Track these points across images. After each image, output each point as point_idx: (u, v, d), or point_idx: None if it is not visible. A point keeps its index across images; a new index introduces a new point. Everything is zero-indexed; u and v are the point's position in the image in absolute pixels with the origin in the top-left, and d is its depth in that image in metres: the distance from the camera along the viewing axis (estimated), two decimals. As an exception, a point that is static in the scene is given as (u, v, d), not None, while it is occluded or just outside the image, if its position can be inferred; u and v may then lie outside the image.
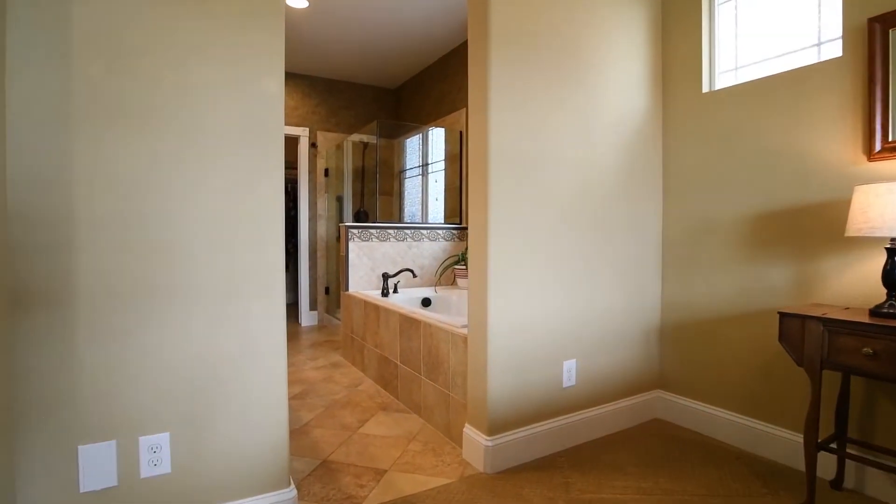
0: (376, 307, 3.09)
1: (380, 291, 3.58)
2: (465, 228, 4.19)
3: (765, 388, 2.09)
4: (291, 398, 2.85)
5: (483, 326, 1.96)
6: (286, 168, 6.34)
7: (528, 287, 2.04)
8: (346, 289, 3.71)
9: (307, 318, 5.20)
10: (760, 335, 2.10)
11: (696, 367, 2.37)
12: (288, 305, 6.65)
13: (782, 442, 2.01)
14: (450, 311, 3.76)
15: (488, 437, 1.95)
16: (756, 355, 2.12)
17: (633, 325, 2.41)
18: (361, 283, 3.75)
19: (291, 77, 5.08)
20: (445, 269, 3.83)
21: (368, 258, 3.77)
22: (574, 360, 2.19)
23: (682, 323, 2.43)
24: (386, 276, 3.50)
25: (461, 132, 4.25)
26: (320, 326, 5.15)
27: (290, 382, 3.17)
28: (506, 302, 1.98)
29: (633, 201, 2.40)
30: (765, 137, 2.07)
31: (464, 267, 3.77)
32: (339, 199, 5.28)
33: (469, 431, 2.04)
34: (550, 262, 2.10)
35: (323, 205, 5.25)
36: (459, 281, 3.85)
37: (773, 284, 2.05)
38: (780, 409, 2.03)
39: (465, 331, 2.19)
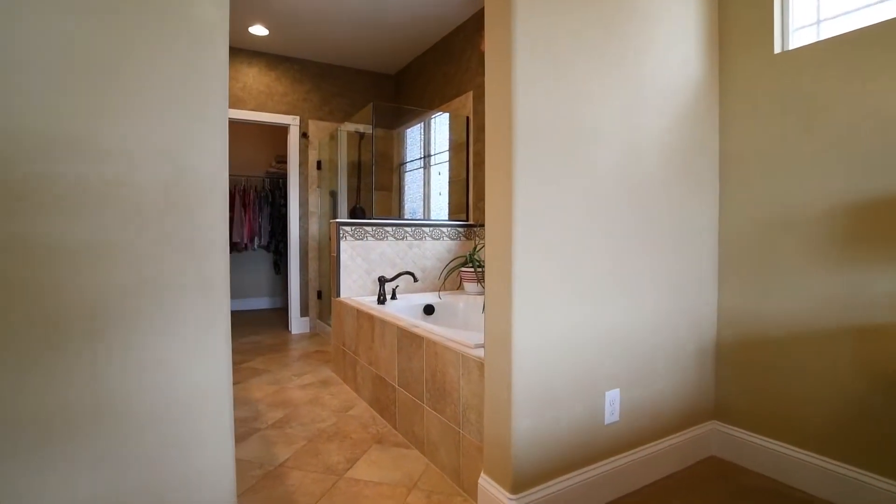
0: (371, 317, 2.63)
1: (375, 298, 3.13)
2: (473, 226, 3.73)
3: (862, 427, 1.63)
4: (270, 426, 2.40)
5: (506, 349, 1.50)
6: (275, 162, 5.89)
7: (560, 298, 1.58)
8: (338, 294, 3.25)
9: (298, 324, 4.74)
10: (857, 359, 1.64)
11: (763, 395, 1.91)
12: (277, 310, 6.20)
13: (888, 497, 1.55)
14: (456, 320, 3.30)
15: (512, 496, 1.49)
16: (849, 384, 1.66)
17: (684, 343, 1.96)
18: (355, 287, 3.29)
19: (281, 61, 4.63)
20: (451, 271, 3.38)
21: (363, 259, 3.31)
22: (617, 390, 1.74)
23: (746, 340, 1.97)
24: (382, 281, 3.05)
25: (468, 118, 3.79)
26: (312, 334, 4.69)
27: (272, 405, 2.71)
28: (535, 317, 1.52)
29: (685, 192, 1.94)
30: (867, 104, 1.61)
31: (471, 269, 3.32)
32: (333, 195, 4.82)
33: (486, 485, 1.58)
34: (586, 266, 1.65)
35: (315, 200, 4.80)
36: (467, 285, 3.40)
37: (874, 295, 1.59)
38: (886, 455, 1.58)
39: (480, 352, 1.73)
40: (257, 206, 5.82)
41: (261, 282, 6.33)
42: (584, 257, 1.63)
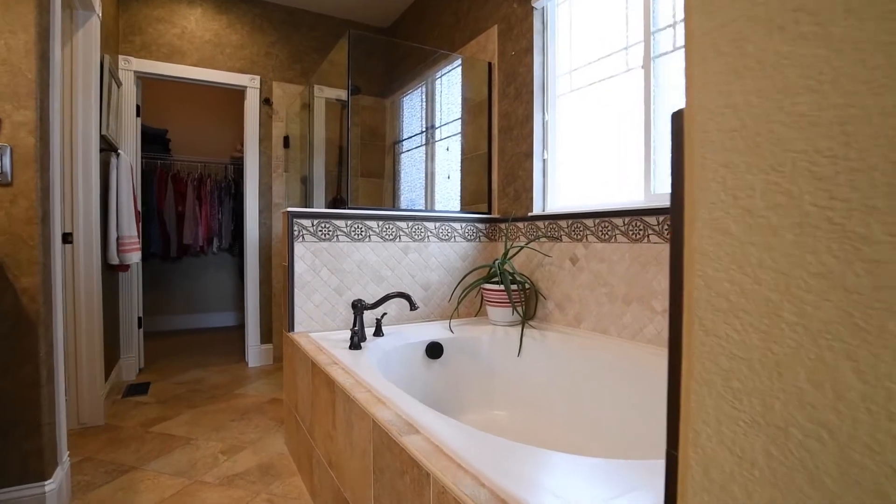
0: (331, 383, 1.45)
1: (347, 336, 1.93)
2: (499, 220, 2.55)
3: None
4: None
5: None
6: (242, 145, 4.70)
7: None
8: (290, 326, 2.06)
9: (256, 354, 3.55)
10: None
11: None
12: (232, 329, 4.92)
13: None
14: (478, 367, 2.12)
15: None
16: None
17: None
18: (318, 315, 2.11)
19: (234, 2, 3.45)
20: (468, 290, 2.20)
21: (332, 271, 2.12)
22: None
23: None
24: (359, 308, 1.86)
25: (490, 64, 2.61)
26: (275, 368, 3.50)
27: (156, 533, 1.53)
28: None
29: None
30: None
31: (500, 288, 2.13)
32: (305, 182, 3.64)
33: None
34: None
35: (281, 189, 3.61)
36: (492, 310, 2.21)
37: None
38: None
39: None
40: (216, 200, 4.63)
41: (225, 293, 5.13)
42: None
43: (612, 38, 2.06)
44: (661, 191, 1.84)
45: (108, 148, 2.58)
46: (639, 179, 1.93)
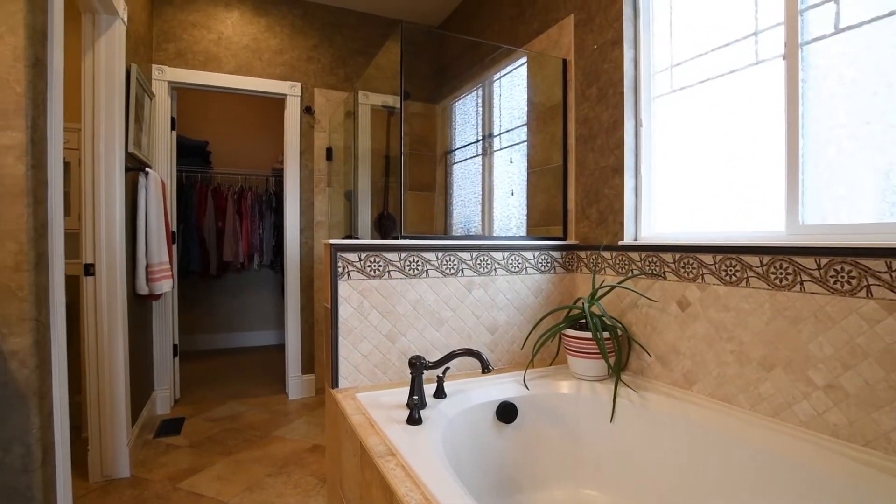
0: (387, 489, 1.08)
1: (402, 398, 1.57)
2: (577, 248, 2.13)
3: None
4: None
5: None
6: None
7: None
8: (334, 381, 1.72)
9: (297, 386, 3.26)
10: None
11: None
12: (272, 349, 4.58)
13: None
14: (561, 433, 1.72)
15: None
16: None
17: None
18: (366, 367, 1.76)
19: (274, 2, 3.18)
20: (546, 338, 1.79)
21: (382, 314, 1.77)
22: None
23: None
24: (419, 367, 1.49)
25: (565, 62, 2.20)
26: (317, 402, 3.19)
27: None
28: None
29: None
30: None
31: (586, 335, 1.72)
32: (349, 197, 3.33)
33: None
34: None
35: (324, 205, 3.32)
36: (575, 361, 1.80)
37: None
38: None
39: None
40: (256, 214, 4.40)
41: (266, 311, 4.91)
42: None
43: (733, 23, 1.62)
44: (812, 220, 1.39)
45: (135, 167, 2.33)
46: (778, 204, 1.48)
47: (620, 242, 1.90)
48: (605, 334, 1.73)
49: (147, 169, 2.39)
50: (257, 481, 2.14)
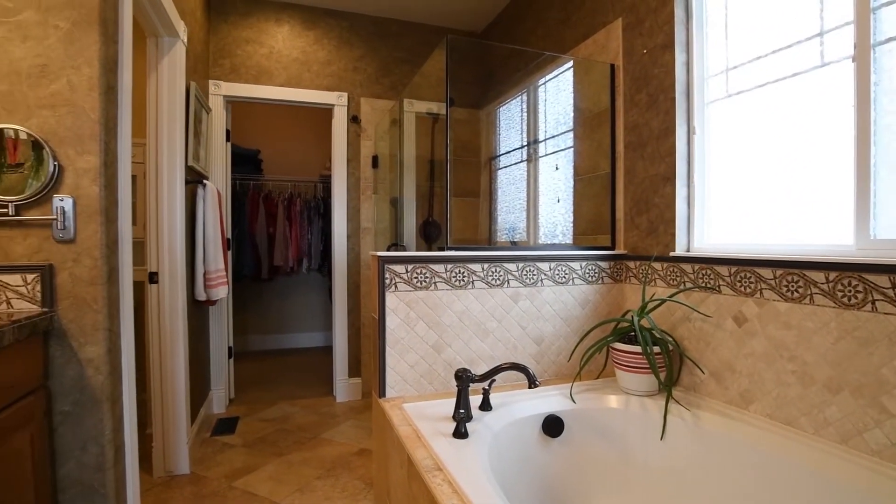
0: (429, 492, 1.10)
1: (448, 409, 1.58)
2: (629, 258, 2.08)
3: None
4: None
5: None
6: (331, 162, 4.57)
7: None
8: (381, 391, 1.75)
9: (344, 389, 3.33)
10: None
11: None
12: (321, 351, 4.67)
13: None
14: (609, 449, 1.69)
15: None
16: None
17: None
18: (412, 377, 1.78)
19: (322, 15, 3.27)
20: (593, 351, 1.76)
21: (428, 325, 1.79)
22: None
23: None
24: (465, 380, 1.50)
25: (613, 66, 2.15)
26: (364, 404, 3.26)
27: None
28: None
29: None
30: None
31: (635, 349, 1.68)
32: (395, 203, 3.38)
33: None
34: None
35: (370, 211, 3.38)
36: (623, 375, 1.76)
37: None
38: None
39: None
40: (305, 220, 4.54)
41: (314, 312, 5.05)
42: None
43: (795, 23, 1.54)
44: (886, 234, 1.30)
45: (194, 180, 2.45)
46: (844, 216, 1.39)
47: (672, 253, 1.84)
48: (656, 349, 1.68)
49: (205, 181, 2.51)
50: (307, 483, 2.21)
